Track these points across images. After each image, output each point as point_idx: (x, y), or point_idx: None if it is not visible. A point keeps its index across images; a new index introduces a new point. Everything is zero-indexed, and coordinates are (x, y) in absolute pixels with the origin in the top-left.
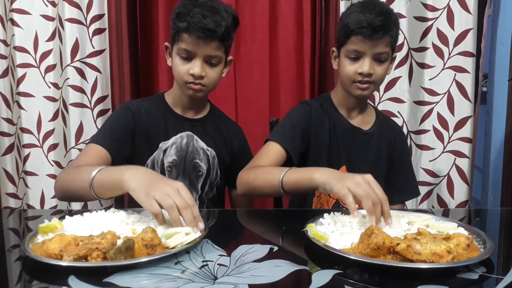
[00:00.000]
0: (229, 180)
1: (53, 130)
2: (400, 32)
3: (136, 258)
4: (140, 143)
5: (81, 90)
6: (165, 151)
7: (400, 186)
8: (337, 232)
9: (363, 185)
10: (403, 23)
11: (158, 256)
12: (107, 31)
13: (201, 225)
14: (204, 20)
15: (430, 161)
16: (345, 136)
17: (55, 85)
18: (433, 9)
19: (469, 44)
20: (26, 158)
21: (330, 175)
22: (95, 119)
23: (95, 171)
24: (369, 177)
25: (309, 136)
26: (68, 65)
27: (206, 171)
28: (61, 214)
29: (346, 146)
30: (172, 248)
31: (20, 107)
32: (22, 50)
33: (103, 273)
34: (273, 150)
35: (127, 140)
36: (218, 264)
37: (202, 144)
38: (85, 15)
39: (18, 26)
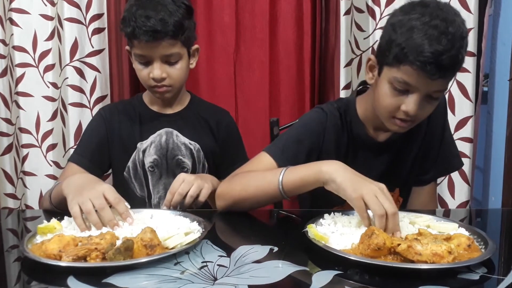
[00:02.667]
0: (218, 170)
1: (52, 130)
2: None
3: (135, 258)
4: (117, 148)
5: (80, 89)
6: (144, 151)
7: (441, 160)
8: (337, 233)
9: (380, 197)
10: None
11: (158, 256)
12: (106, 30)
13: (129, 220)
14: (149, 22)
15: None
16: (368, 156)
17: (54, 85)
18: None
19: (470, 43)
20: (24, 158)
21: (343, 174)
22: None
23: (54, 184)
24: (383, 187)
25: (318, 153)
26: (67, 64)
27: (191, 167)
28: (59, 214)
29: (368, 167)
30: (172, 248)
31: (18, 107)
32: (21, 49)
33: (102, 274)
34: (265, 164)
35: (103, 150)
36: (217, 264)
37: (183, 139)
38: (84, 15)
39: (17, 25)
